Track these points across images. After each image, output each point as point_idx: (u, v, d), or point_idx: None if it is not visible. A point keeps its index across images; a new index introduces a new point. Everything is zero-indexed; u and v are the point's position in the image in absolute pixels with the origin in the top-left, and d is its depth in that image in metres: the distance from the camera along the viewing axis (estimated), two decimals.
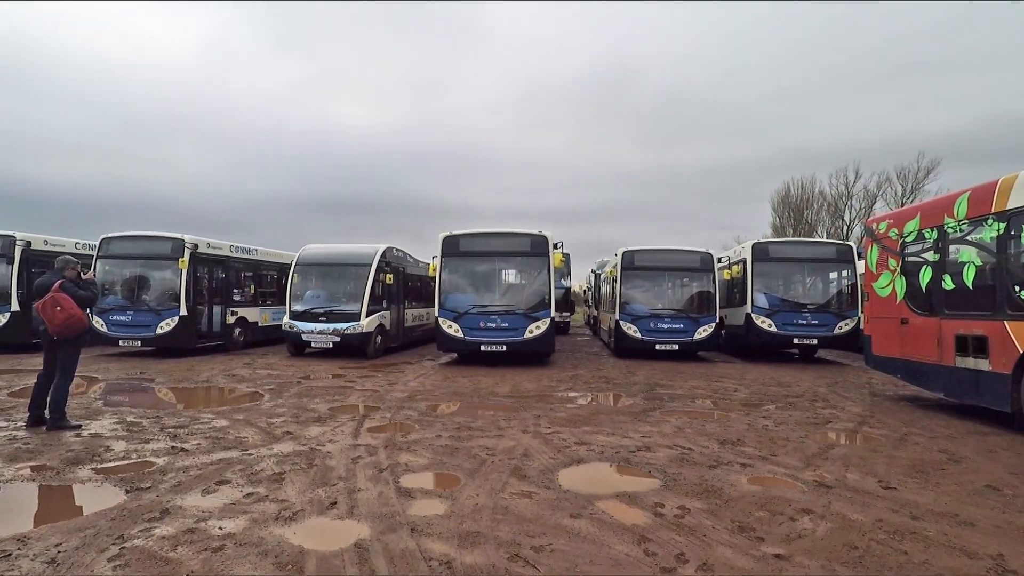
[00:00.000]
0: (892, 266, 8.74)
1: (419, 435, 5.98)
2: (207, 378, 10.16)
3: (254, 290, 16.34)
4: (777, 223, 48.74)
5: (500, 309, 12.60)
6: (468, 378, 10.67)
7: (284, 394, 8.54)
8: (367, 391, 9.00)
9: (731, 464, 4.98)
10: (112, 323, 13.03)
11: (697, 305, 14.55)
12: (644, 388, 9.78)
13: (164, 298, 13.27)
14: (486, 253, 12.96)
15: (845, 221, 45.04)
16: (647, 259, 14.74)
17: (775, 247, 14.77)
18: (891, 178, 41.22)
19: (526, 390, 9.47)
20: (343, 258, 14.66)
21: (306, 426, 6.34)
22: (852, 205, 44.91)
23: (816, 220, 47.08)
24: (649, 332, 14.20)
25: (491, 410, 7.64)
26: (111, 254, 13.52)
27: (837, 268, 14.39)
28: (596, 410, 7.63)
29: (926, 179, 39.26)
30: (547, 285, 12.63)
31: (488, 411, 7.55)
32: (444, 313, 12.60)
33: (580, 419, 6.96)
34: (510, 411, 7.49)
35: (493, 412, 7.46)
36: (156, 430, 6.01)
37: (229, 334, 14.87)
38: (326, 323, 13.57)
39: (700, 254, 14.78)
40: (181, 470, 4.59)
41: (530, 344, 12.49)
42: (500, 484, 4.34)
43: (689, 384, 10.31)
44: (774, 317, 13.99)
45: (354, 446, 5.47)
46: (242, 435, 5.85)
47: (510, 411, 7.49)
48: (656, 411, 7.62)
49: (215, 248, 14.36)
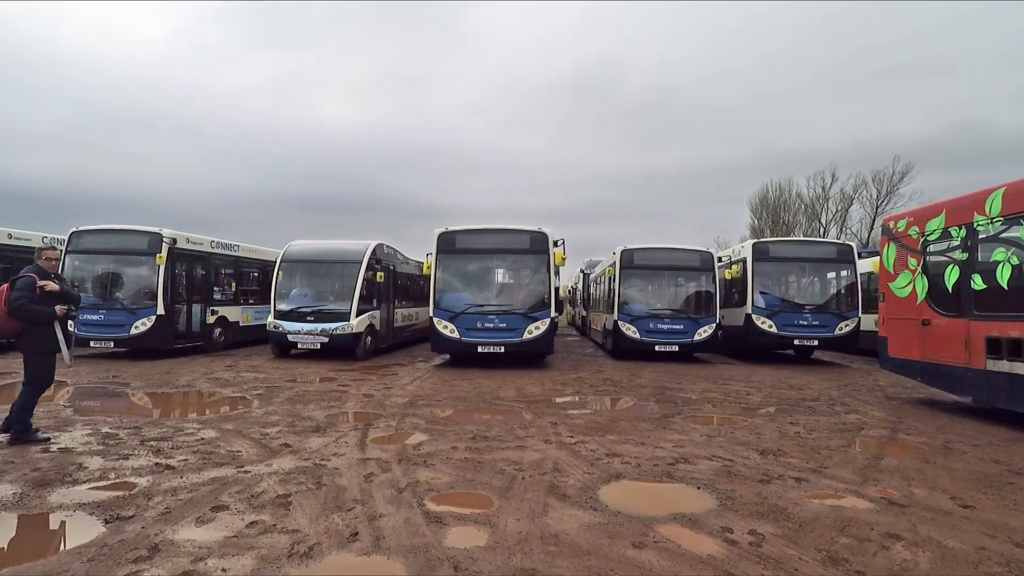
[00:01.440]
0: (912, 265, 8.45)
1: (433, 447, 5.44)
2: (188, 382, 9.44)
3: (235, 288, 15.54)
4: (755, 225, 49.16)
5: (498, 309, 12.08)
6: (467, 381, 10.13)
7: (274, 400, 7.90)
8: (364, 396, 8.40)
9: (783, 478, 4.54)
10: (82, 323, 12.15)
11: (697, 305, 14.21)
12: (654, 392, 9.36)
13: (140, 296, 12.44)
14: (483, 250, 12.43)
15: (822, 223, 45.62)
16: (646, 258, 14.36)
17: (776, 246, 14.52)
18: (867, 181, 41.82)
19: (532, 394, 8.97)
20: (331, 255, 13.98)
21: (305, 437, 5.74)
22: (828, 207, 45.52)
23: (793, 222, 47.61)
24: (648, 333, 13.82)
25: (502, 416, 7.12)
26: (82, 249, 12.65)
27: (838, 268, 14.19)
28: (614, 416, 7.16)
29: (901, 182, 39.88)
30: (547, 284, 12.15)
31: (499, 418, 7.02)
32: (439, 313, 12.03)
33: (600, 426, 6.49)
34: (523, 418, 6.99)
35: (505, 419, 6.95)
36: (136, 443, 5.36)
37: (209, 334, 14.07)
38: (313, 323, 12.88)
39: (700, 253, 14.47)
40: (169, 493, 3.98)
41: (529, 345, 12.00)
42: (540, 506, 3.84)
43: (698, 387, 9.92)
44: (775, 318, 13.72)
45: (363, 460, 4.91)
46: (235, 448, 5.24)
47: (523, 418, 6.99)
48: (676, 417, 7.19)
49: (195, 243, 13.56)
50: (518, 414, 7.30)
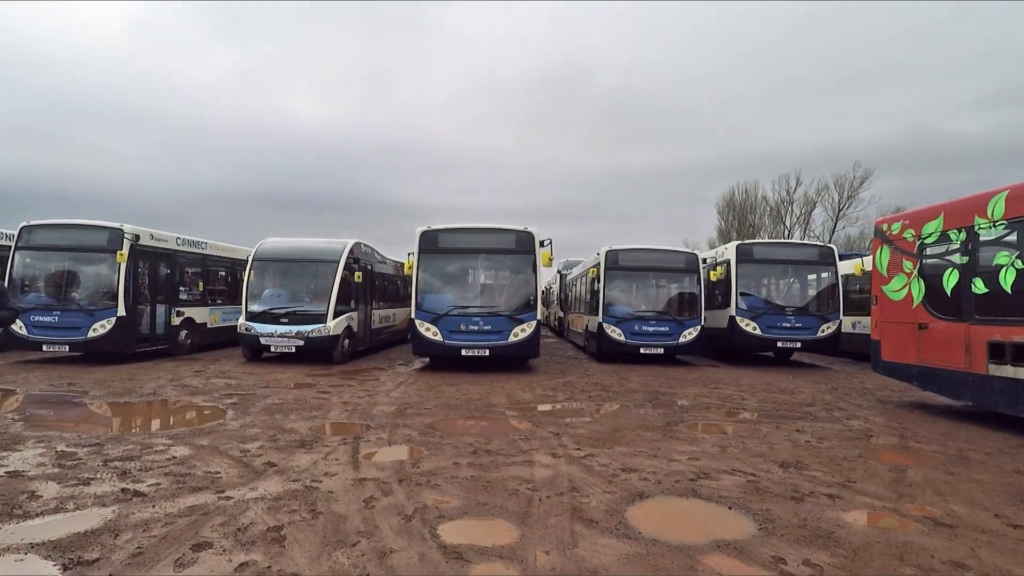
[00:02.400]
0: (908, 269, 8.39)
1: (432, 463, 5.01)
2: (153, 390, 8.74)
3: (203, 288, 14.69)
4: (722, 226, 49.93)
5: (483, 311, 11.67)
6: (454, 387, 9.69)
7: (251, 409, 7.33)
8: (347, 404, 7.88)
9: (815, 495, 4.28)
10: (33, 324, 11.25)
11: (682, 307, 14.06)
12: (647, 397, 9.09)
13: (98, 296, 11.58)
14: (467, 250, 11.99)
15: (786, 225, 46.61)
16: (631, 259, 14.14)
17: (759, 248, 14.48)
18: (829, 185, 42.87)
19: (523, 401, 8.60)
20: (307, 254, 13.33)
21: (290, 453, 5.24)
22: (793, 210, 46.54)
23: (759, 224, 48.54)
24: (634, 335, 13.60)
25: (499, 426, 6.72)
26: (34, 245, 11.71)
27: (819, 270, 14.24)
28: (616, 425, 6.83)
29: (861, 187, 40.98)
30: (533, 285, 11.80)
31: (497, 428, 6.62)
32: (421, 315, 11.55)
33: (605, 437, 6.15)
34: (522, 428, 6.61)
35: (503, 429, 6.55)
36: (98, 464, 4.77)
37: (175, 337, 13.24)
38: (288, 325, 12.22)
39: (686, 255, 14.35)
40: (140, 528, 3.46)
41: (515, 348, 11.63)
42: (567, 534, 3.46)
43: (690, 392, 9.71)
44: (758, 320, 13.67)
45: (359, 481, 4.45)
46: (212, 469, 4.70)
47: (522, 428, 6.61)
48: (680, 425, 6.92)
49: (159, 240, 12.73)
50: (515, 423, 6.92)
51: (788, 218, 47.29)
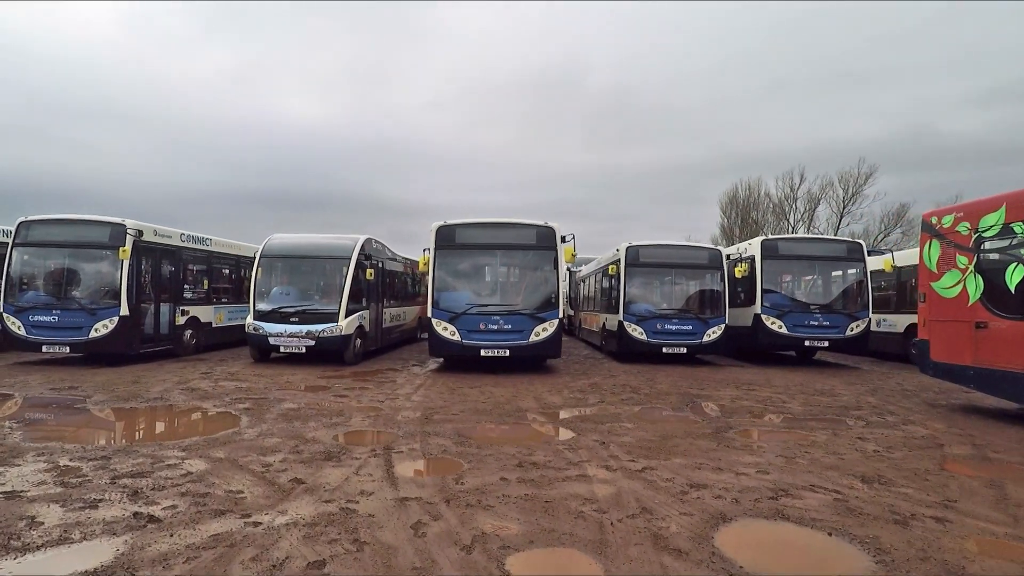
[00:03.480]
0: (962, 264, 7.88)
1: (477, 478, 4.51)
2: (160, 394, 8.23)
3: (208, 286, 14.18)
4: (725, 224, 49.38)
5: (502, 309, 11.16)
6: (476, 389, 9.19)
7: (266, 416, 6.82)
8: (368, 409, 7.39)
9: (919, 518, 3.78)
10: (32, 324, 10.74)
11: (706, 305, 13.57)
12: (682, 399, 8.60)
13: (100, 295, 11.06)
14: (486, 246, 11.47)
15: (790, 223, 46.04)
16: (653, 255, 13.64)
17: (785, 244, 13.96)
18: (833, 182, 42.30)
19: (554, 404, 8.11)
20: (317, 250, 12.81)
21: (317, 468, 4.73)
22: (797, 207, 45.97)
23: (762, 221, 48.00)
24: (656, 334, 13.11)
25: (536, 434, 6.24)
26: (31, 241, 11.18)
27: (847, 266, 13.75)
28: (662, 432, 6.34)
29: (866, 184, 40.45)
30: (555, 282, 11.30)
31: (535, 436, 6.14)
32: (438, 313, 11.04)
33: (656, 446, 5.66)
34: (562, 436, 6.11)
35: (542, 437, 6.07)
36: (106, 481, 4.27)
37: (179, 337, 12.73)
38: (298, 324, 11.71)
39: (709, 251, 13.88)
40: (158, 563, 2.96)
41: (536, 348, 11.13)
42: (656, 567, 2.96)
43: (725, 394, 9.22)
44: (784, 318, 13.17)
45: (401, 502, 3.95)
46: (234, 487, 4.20)
47: (562, 436, 6.11)
48: (730, 432, 6.43)
49: (163, 236, 12.20)
50: (554, 431, 6.43)
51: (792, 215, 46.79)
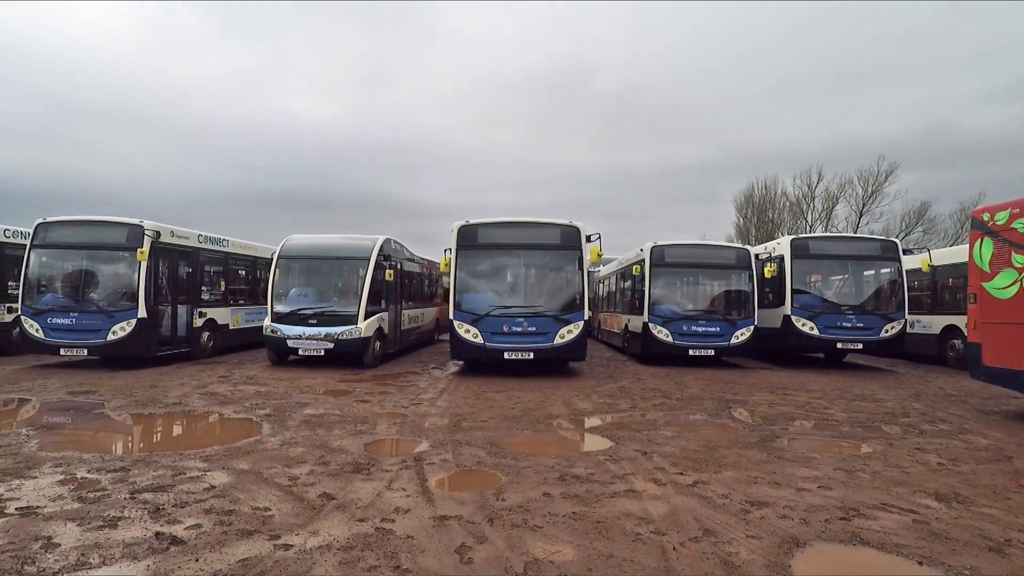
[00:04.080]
0: (1019, 263, 7.45)
1: (518, 493, 4.20)
2: (179, 399, 8.02)
3: (224, 288, 14.02)
4: (740, 223, 48.61)
5: (526, 311, 10.85)
6: (502, 394, 8.89)
7: (288, 423, 6.56)
8: (393, 416, 7.11)
9: (1015, 544, 3.41)
10: (51, 327, 10.61)
11: (734, 306, 13.18)
12: (717, 405, 8.24)
13: (118, 297, 10.91)
14: (509, 246, 11.16)
15: (808, 221, 45.16)
16: (679, 255, 13.28)
17: (816, 243, 13.50)
18: (852, 180, 41.38)
19: (584, 410, 7.78)
20: (336, 251, 12.58)
21: (346, 481, 4.45)
22: (815, 206, 45.05)
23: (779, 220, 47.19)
24: (682, 336, 12.74)
25: (572, 442, 5.93)
26: (49, 243, 11.06)
27: (882, 265, 13.28)
28: (704, 440, 5.99)
29: (886, 181, 39.51)
30: (580, 283, 10.98)
31: (571, 445, 5.83)
32: (460, 315, 10.75)
33: (702, 457, 5.32)
34: (600, 445, 5.78)
35: (579, 446, 5.76)
36: (124, 496, 4.01)
37: (196, 339, 12.56)
38: (316, 327, 11.48)
39: (736, 250, 13.50)
40: None
41: (562, 351, 10.80)
42: None
43: (761, 399, 8.84)
44: (816, 319, 12.72)
45: (440, 520, 3.65)
46: (260, 504, 3.92)
47: (600, 445, 5.78)
48: (777, 440, 6.06)
49: (180, 237, 12.04)
50: (590, 439, 6.11)
51: (810, 214, 45.95)
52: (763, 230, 45.66)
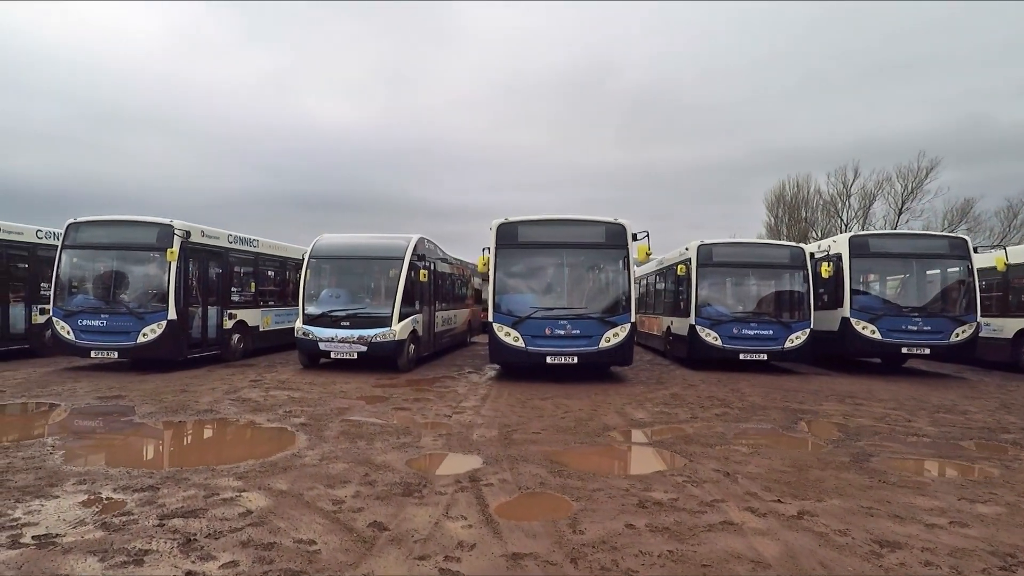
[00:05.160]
0: None
1: (597, 524, 3.61)
2: (209, 405, 7.62)
3: (254, 289, 13.72)
4: (771, 223, 47.15)
5: (570, 313, 10.25)
6: (547, 401, 8.31)
7: (326, 433, 6.08)
8: (437, 426, 6.58)
9: None
10: (81, 329, 10.37)
11: (788, 308, 12.37)
12: (787, 415, 7.53)
13: (148, 298, 10.63)
14: (551, 244, 10.57)
15: (843, 220, 43.50)
16: (728, 254, 12.53)
17: (877, 240, 12.61)
18: (891, 177, 39.68)
19: (641, 420, 7.16)
20: (369, 250, 12.15)
21: (398, 506, 3.92)
22: (850, 204, 43.35)
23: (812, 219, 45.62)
24: (732, 339, 11.98)
25: (641, 459, 5.33)
26: (80, 243, 10.84)
27: (950, 264, 12.31)
28: (793, 460, 5.31)
29: (927, 178, 37.77)
30: (626, 283, 10.33)
31: (641, 462, 5.23)
32: (500, 318, 10.19)
33: (795, 480, 4.66)
34: (673, 463, 5.17)
35: (651, 464, 5.15)
36: (152, 522, 3.54)
37: (227, 342, 12.25)
38: (349, 329, 11.05)
39: (790, 249, 12.69)
40: None
41: (607, 355, 10.18)
42: None
43: (831, 408, 8.10)
44: (878, 322, 11.83)
45: (514, 560, 3.08)
46: (303, 535, 3.41)
47: (673, 463, 5.17)
48: (873, 459, 5.36)
49: (210, 237, 11.74)
50: (660, 455, 5.49)
51: (845, 212, 44.30)
52: (795, 229, 44.23)
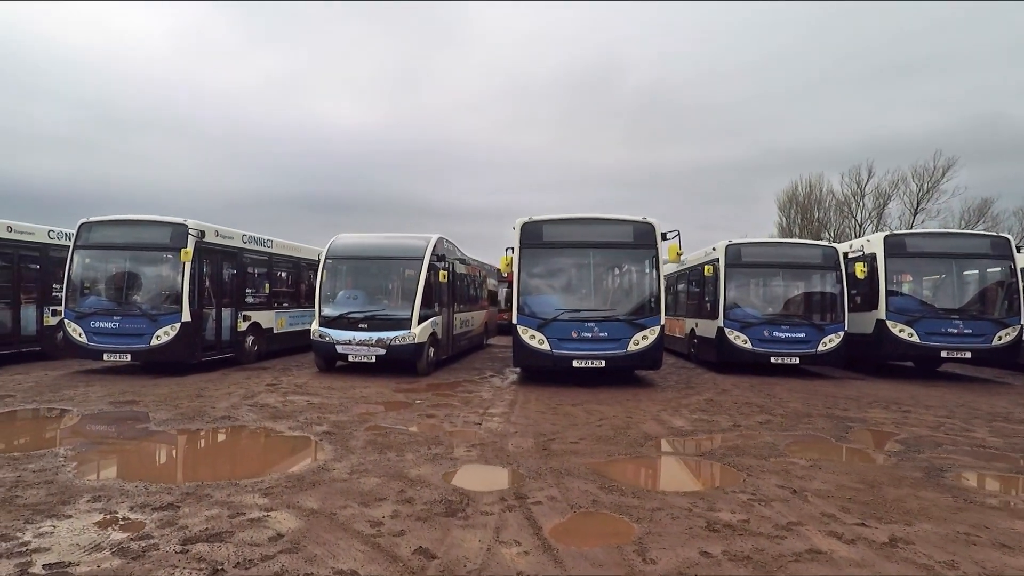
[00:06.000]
0: None
1: (667, 551, 3.23)
2: (226, 411, 7.28)
3: (269, 290, 13.42)
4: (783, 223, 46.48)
5: (597, 315, 9.85)
6: (578, 407, 7.92)
7: (351, 443, 5.72)
8: (467, 435, 6.21)
9: None
10: (94, 331, 10.08)
11: (821, 310, 11.92)
12: (833, 423, 7.10)
13: (161, 299, 10.33)
14: (578, 244, 10.16)
15: (857, 220, 42.72)
16: (757, 254, 12.11)
17: (913, 240, 12.13)
18: (907, 176, 38.88)
19: (681, 429, 6.75)
20: (387, 250, 11.80)
21: (441, 528, 3.55)
22: (864, 204, 42.55)
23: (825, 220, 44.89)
24: (762, 342, 11.54)
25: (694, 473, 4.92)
26: (92, 243, 10.56)
27: (991, 264, 11.82)
28: (860, 476, 4.89)
29: (943, 177, 36.96)
30: (655, 284, 9.92)
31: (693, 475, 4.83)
32: (524, 320, 9.80)
33: (871, 499, 4.25)
34: (729, 477, 4.76)
35: (705, 479, 4.76)
36: (174, 547, 3.19)
37: (241, 344, 11.95)
38: (367, 331, 10.70)
39: (823, 248, 12.24)
40: None
41: (635, 359, 9.77)
42: None
43: (880, 416, 7.66)
44: (915, 325, 11.36)
45: None
46: (342, 563, 3.04)
47: (729, 477, 4.76)
48: (947, 474, 4.94)
49: (224, 237, 11.44)
50: (712, 469, 5.09)
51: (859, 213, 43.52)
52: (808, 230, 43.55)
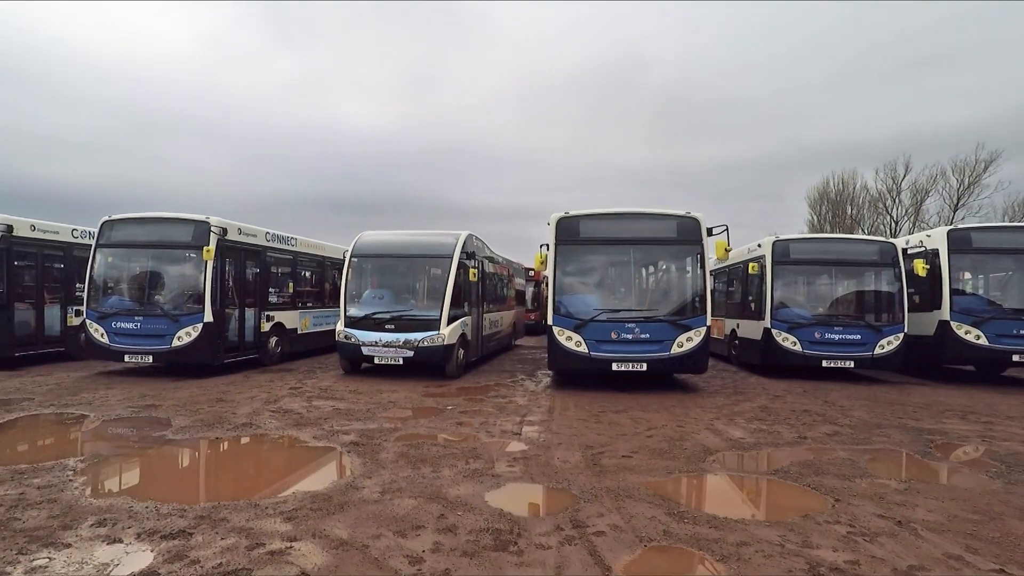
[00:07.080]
0: None
1: None
2: (248, 418, 6.85)
3: (292, 289, 13.06)
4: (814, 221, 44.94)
5: (638, 315, 9.22)
6: (622, 414, 7.31)
7: (381, 456, 5.21)
8: (505, 446, 5.65)
9: None
10: (115, 332, 9.80)
11: (878, 310, 11.11)
12: (910, 436, 6.38)
13: (183, 299, 10.00)
14: (617, 240, 9.54)
15: (893, 217, 40.98)
16: (807, 251, 11.33)
17: (980, 235, 11.19)
18: (946, 171, 37.08)
19: (740, 440, 6.11)
20: (415, 248, 11.32)
21: (492, 566, 3.00)
22: (901, 200, 40.74)
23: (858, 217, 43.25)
24: (813, 345, 10.77)
25: (770, 496, 4.29)
26: (115, 242, 10.29)
27: None
28: (967, 502, 4.20)
29: (985, 172, 35.11)
30: (701, 283, 9.25)
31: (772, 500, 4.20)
32: (560, 320, 9.22)
33: (995, 536, 3.58)
34: (814, 504, 4.12)
35: (788, 504, 4.13)
36: None
37: (264, 345, 11.59)
38: (394, 332, 10.23)
39: (880, 244, 11.42)
40: None
41: (679, 362, 9.11)
42: None
43: (960, 428, 6.90)
44: (984, 327, 10.47)
45: None
46: None
47: (814, 504, 4.12)
48: None
49: (247, 235, 11.08)
50: (790, 492, 4.45)
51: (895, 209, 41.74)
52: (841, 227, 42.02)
